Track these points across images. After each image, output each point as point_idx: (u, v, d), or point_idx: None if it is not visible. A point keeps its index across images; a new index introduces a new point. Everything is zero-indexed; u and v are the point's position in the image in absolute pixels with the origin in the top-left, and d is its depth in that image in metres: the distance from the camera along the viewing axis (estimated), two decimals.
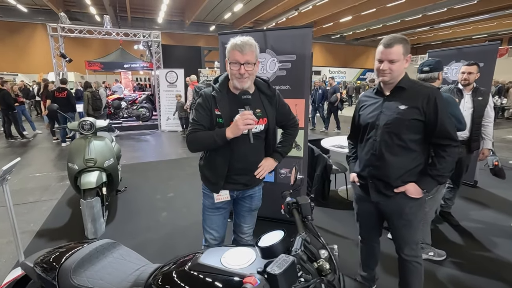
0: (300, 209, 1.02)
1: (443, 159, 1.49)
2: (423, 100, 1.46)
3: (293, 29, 2.73)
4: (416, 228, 1.64)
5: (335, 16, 17.74)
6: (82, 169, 2.93)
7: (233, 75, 1.44)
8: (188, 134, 1.51)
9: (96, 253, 1.15)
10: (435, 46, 24.65)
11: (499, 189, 4.00)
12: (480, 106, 2.84)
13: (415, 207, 1.58)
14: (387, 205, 1.62)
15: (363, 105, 1.69)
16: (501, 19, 17.71)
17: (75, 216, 3.22)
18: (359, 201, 1.81)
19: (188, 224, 3.12)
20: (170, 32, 20.56)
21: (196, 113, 1.50)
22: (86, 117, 3.28)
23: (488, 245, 2.70)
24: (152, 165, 5.50)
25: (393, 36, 1.47)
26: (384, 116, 1.54)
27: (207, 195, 1.66)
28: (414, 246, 1.67)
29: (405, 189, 1.54)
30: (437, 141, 1.50)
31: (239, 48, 1.39)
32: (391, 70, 1.46)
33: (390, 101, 1.54)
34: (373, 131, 1.58)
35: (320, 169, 3.53)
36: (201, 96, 1.51)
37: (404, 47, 1.45)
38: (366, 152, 1.63)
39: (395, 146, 1.52)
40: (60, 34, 7.93)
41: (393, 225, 1.66)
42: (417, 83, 1.55)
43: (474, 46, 4.23)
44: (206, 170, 1.61)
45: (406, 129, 1.49)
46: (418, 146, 1.52)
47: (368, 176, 1.64)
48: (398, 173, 1.54)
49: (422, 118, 1.47)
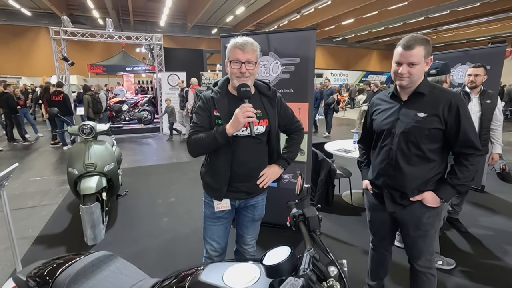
0: (307, 222, 0.95)
1: (465, 167, 1.39)
2: (444, 107, 1.35)
3: (296, 31, 2.68)
4: (432, 239, 1.55)
5: (337, 19, 17.70)
6: (82, 174, 2.89)
7: (234, 74, 1.39)
8: (188, 137, 1.47)
9: (92, 267, 1.09)
10: (438, 48, 24.55)
11: (507, 194, 3.91)
12: (488, 109, 2.77)
13: (432, 217, 1.49)
14: (403, 214, 1.53)
15: (377, 109, 1.58)
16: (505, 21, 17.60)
17: (75, 222, 3.17)
18: (372, 210, 1.71)
19: (190, 231, 3.06)
20: (173, 35, 20.63)
21: (196, 116, 1.47)
22: (87, 121, 3.23)
23: (498, 253, 2.62)
24: (153, 168, 5.46)
25: (413, 36, 1.35)
26: (401, 124, 1.43)
27: (208, 204, 1.60)
28: (429, 257, 1.59)
29: (422, 197, 1.45)
30: (460, 150, 1.40)
31: (241, 46, 1.36)
32: (410, 74, 1.35)
33: (408, 107, 1.43)
34: (389, 139, 1.48)
35: (324, 174, 3.47)
36: (201, 99, 1.48)
37: (426, 49, 1.33)
38: (381, 160, 1.54)
39: (413, 155, 1.43)
40: (63, 38, 7.94)
41: (408, 236, 1.57)
42: (437, 87, 1.43)
43: (480, 48, 4.16)
44: (208, 177, 1.55)
45: (426, 139, 1.39)
46: (437, 156, 1.43)
47: (383, 185, 1.54)
48: (415, 183, 1.45)
49: (443, 127, 1.37)
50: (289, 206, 1.13)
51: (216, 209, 1.54)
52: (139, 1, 15.78)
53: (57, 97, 6.66)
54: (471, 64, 2.84)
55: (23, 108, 7.91)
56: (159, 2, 15.67)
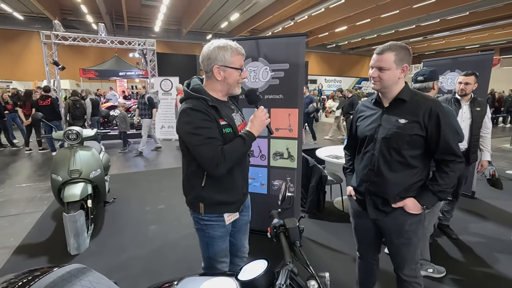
0: (287, 233, 0.91)
1: (446, 174, 1.40)
2: (424, 114, 1.36)
3: (286, 37, 2.68)
4: (416, 247, 1.54)
5: (331, 26, 17.93)
6: (66, 181, 2.80)
7: (237, 82, 1.38)
8: (213, 154, 1.25)
9: (61, 282, 1.02)
10: (429, 56, 25.00)
11: (497, 200, 3.93)
12: (478, 116, 2.78)
13: (414, 225, 1.48)
14: (386, 222, 1.52)
15: (361, 115, 1.60)
16: (493, 30, 18.03)
17: (59, 230, 3.07)
18: (356, 216, 1.70)
19: (178, 238, 2.98)
20: (168, 40, 20.62)
21: (206, 130, 1.27)
22: (73, 126, 3.16)
23: (489, 260, 2.60)
24: (143, 175, 5.36)
25: (390, 43, 1.40)
26: (383, 130, 1.44)
27: (217, 225, 1.43)
28: (413, 266, 1.57)
29: (403, 204, 1.45)
30: (441, 157, 1.41)
31: (243, 52, 1.36)
32: (380, 78, 1.39)
33: (389, 113, 1.45)
34: (371, 145, 1.49)
35: (315, 180, 3.44)
36: (198, 111, 1.27)
37: (397, 55, 1.36)
38: (364, 166, 1.54)
39: (394, 161, 1.43)
40: (53, 42, 7.85)
41: (392, 244, 1.56)
42: (418, 94, 1.44)
43: (469, 56, 4.23)
44: (219, 194, 1.38)
45: (407, 145, 1.39)
46: (418, 162, 1.43)
47: (365, 192, 1.54)
48: (397, 189, 1.45)
49: (423, 134, 1.37)
50: (271, 215, 1.08)
51: (227, 222, 1.44)
52: (133, 7, 15.77)
53: (44, 102, 6.54)
54: (460, 71, 2.87)
55: (11, 112, 7.75)
56: (154, 7, 15.69)
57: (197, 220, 1.46)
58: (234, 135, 1.35)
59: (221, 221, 1.43)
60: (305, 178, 3.52)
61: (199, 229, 1.48)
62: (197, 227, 1.49)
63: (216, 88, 1.38)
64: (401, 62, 1.38)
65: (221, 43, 1.32)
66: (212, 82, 1.38)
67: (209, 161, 1.25)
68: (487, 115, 2.85)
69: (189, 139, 1.28)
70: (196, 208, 1.43)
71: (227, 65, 1.32)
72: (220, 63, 1.31)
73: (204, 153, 1.26)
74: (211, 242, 1.47)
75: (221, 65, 1.31)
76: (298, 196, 2.95)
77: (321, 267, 2.50)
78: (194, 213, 1.46)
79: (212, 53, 1.31)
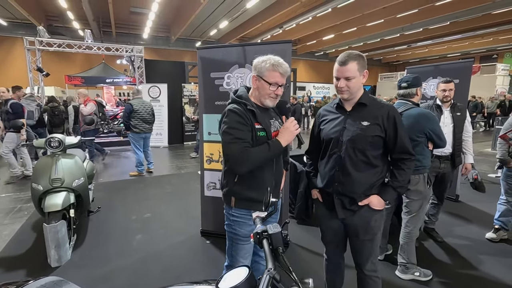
0: (270, 239, 0.90)
1: (403, 171, 1.55)
2: (383, 117, 1.50)
3: (272, 44, 2.71)
4: (378, 241, 1.65)
5: (318, 34, 18.29)
6: (47, 190, 2.70)
7: (268, 95, 1.48)
8: (238, 153, 1.38)
9: None
10: (413, 63, 25.77)
11: (480, 203, 4.03)
12: (459, 121, 2.87)
13: (379, 220, 1.60)
14: (353, 220, 1.60)
15: (324, 119, 1.68)
16: (472, 39, 18.82)
17: (39, 241, 2.94)
18: (324, 219, 1.74)
19: (165, 247, 2.91)
20: (156, 47, 20.53)
21: (236, 131, 1.41)
22: (55, 134, 3.07)
23: (474, 262, 2.65)
24: (130, 182, 5.25)
25: (348, 53, 1.48)
26: (347, 132, 1.53)
27: (244, 223, 1.54)
28: (374, 260, 1.67)
29: (369, 201, 1.55)
30: (398, 156, 1.56)
31: (282, 70, 1.45)
32: (348, 87, 1.49)
33: (352, 117, 1.55)
34: (337, 147, 1.57)
35: (303, 186, 3.45)
36: (235, 113, 1.42)
37: (359, 64, 1.46)
38: (331, 168, 1.60)
39: (359, 161, 1.53)
40: (38, 48, 7.70)
41: (358, 240, 1.63)
42: (376, 100, 1.58)
43: (450, 63, 4.37)
44: (248, 191, 1.50)
45: (369, 146, 1.51)
46: (379, 161, 1.55)
47: (333, 192, 1.60)
48: (362, 188, 1.54)
49: (383, 135, 1.51)
50: (254, 221, 1.07)
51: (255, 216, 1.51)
52: (121, 14, 15.67)
53: None
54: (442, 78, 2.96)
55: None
56: (142, 15, 15.64)
57: (227, 215, 1.59)
58: (267, 139, 1.46)
59: (248, 219, 1.52)
60: (293, 183, 3.53)
61: (228, 224, 1.60)
62: (227, 223, 1.61)
63: (254, 94, 1.54)
64: (362, 69, 1.49)
65: (267, 58, 1.46)
66: (252, 89, 1.56)
67: (233, 159, 1.40)
68: (467, 119, 2.94)
69: (223, 137, 1.44)
70: (228, 201, 1.56)
71: (261, 77, 1.46)
72: (257, 73, 1.48)
73: (230, 151, 1.41)
74: (236, 239, 1.57)
75: (257, 75, 1.48)
76: (286, 202, 2.94)
77: (309, 274, 2.49)
78: (226, 207, 1.60)
79: (256, 63, 1.48)
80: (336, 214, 1.61)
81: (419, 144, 2.19)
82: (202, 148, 3.04)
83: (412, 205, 2.34)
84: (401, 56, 26.35)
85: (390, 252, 2.73)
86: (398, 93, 2.39)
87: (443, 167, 2.80)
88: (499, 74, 17.18)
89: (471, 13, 13.35)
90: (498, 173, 3.52)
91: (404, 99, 2.33)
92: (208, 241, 3.02)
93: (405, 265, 2.38)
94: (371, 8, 12.67)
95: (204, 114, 2.97)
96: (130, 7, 14.99)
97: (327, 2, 12.21)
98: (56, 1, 12.63)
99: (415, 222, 2.36)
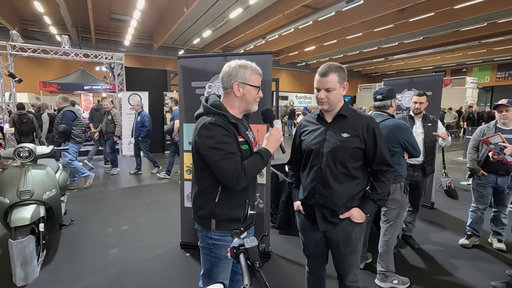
0: (247, 253, 0.88)
1: (383, 183, 1.55)
2: (363, 129, 1.50)
3: (253, 55, 2.74)
4: (359, 253, 1.65)
5: (300, 46, 18.74)
6: (14, 203, 2.54)
7: (255, 100, 1.45)
8: (234, 169, 1.27)
9: None
10: (390, 75, 26.90)
11: (454, 210, 4.19)
12: (430, 131, 3.01)
13: (359, 233, 1.60)
14: (335, 232, 1.59)
15: (305, 130, 1.67)
16: (444, 54, 19.95)
17: (4, 258, 2.74)
18: (305, 231, 1.73)
19: (142, 262, 2.79)
20: (138, 55, 20.21)
21: (226, 145, 1.29)
22: (25, 143, 2.91)
23: (449, 268, 2.73)
24: (107, 193, 5.05)
25: (328, 64, 1.49)
26: (328, 144, 1.53)
27: (224, 245, 1.39)
28: (356, 271, 1.67)
29: (350, 214, 1.54)
30: (377, 167, 1.56)
31: (260, 72, 1.44)
32: (328, 99, 1.49)
33: (333, 128, 1.55)
34: (318, 159, 1.55)
35: (285, 195, 3.45)
36: (220, 127, 1.30)
37: (340, 75, 1.47)
38: (312, 179, 1.59)
39: (340, 174, 1.52)
40: (10, 53, 7.36)
41: (339, 253, 1.62)
42: (356, 111, 1.59)
43: (423, 76, 4.60)
44: (232, 210, 1.37)
45: (350, 157, 1.50)
46: (359, 173, 1.55)
47: (314, 204, 1.59)
48: (343, 200, 1.53)
49: (363, 147, 1.51)
50: (232, 235, 1.05)
51: None
52: (101, 20, 15.35)
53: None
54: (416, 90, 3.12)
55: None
56: (124, 21, 15.40)
57: (205, 238, 1.44)
58: (250, 152, 1.40)
59: (230, 240, 1.38)
60: (275, 193, 3.52)
61: (206, 248, 1.46)
62: (203, 246, 1.47)
63: (234, 104, 1.43)
64: (342, 81, 1.50)
65: (242, 63, 1.40)
66: (231, 98, 1.42)
67: (230, 176, 1.27)
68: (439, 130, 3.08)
69: (210, 154, 1.29)
70: (207, 225, 1.40)
71: (246, 83, 1.38)
72: (240, 80, 1.37)
73: (225, 167, 1.27)
74: (216, 263, 1.45)
75: (241, 82, 1.38)
76: (267, 212, 2.92)
77: (290, 286, 2.47)
78: (204, 230, 1.44)
79: (233, 71, 1.37)
80: (317, 227, 1.60)
81: (395, 154, 2.26)
82: (183, 157, 2.99)
83: (390, 214, 2.40)
84: (379, 68, 27.43)
85: (370, 260, 2.77)
86: (374, 105, 2.47)
87: (416, 175, 2.92)
88: (468, 87, 18.25)
89: (442, 30, 14.19)
90: (470, 181, 3.68)
91: (379, 111, 2.41)
92: (188, 253, 2.93)
93: (384, 273, 2.41)
94: (350, 22, 13.18)
95: (184, 123, 2.93)
96: (110, 14, 14.73)
97: (309, 15, 12.58)
98: (32, 5, 12.21)
99: (393, 230, 2.41)
